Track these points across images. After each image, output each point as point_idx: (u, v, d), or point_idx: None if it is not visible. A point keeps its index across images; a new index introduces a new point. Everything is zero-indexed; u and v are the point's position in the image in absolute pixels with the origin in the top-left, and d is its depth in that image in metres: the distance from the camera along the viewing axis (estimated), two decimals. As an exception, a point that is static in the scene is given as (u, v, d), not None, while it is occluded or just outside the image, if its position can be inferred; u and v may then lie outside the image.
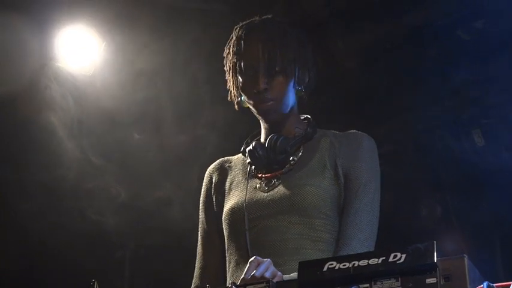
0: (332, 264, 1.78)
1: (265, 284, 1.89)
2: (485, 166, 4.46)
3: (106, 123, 4.46)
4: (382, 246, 1.99)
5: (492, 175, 4.43)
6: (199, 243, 2.70)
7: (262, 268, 2.19)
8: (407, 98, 4.48)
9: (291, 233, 2.47)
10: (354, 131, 2.62)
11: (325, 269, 1.78)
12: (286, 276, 2.24)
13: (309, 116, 2.69)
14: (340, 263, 1.77)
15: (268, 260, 2.23)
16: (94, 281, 2.13)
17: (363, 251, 2.37)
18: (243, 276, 2.21)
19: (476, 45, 4.09)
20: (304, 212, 2.47)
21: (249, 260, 2.24)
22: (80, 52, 4.12)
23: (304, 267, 1.83)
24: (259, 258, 2.24)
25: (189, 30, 4.01)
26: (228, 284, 2.06)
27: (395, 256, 1.73)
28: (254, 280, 2.13)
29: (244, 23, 2.65)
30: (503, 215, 4.57)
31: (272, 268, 2.22)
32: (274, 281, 2.12)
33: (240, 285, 1.95)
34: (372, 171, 2.53)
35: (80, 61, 4.16)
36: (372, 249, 2.45)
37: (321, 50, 4.08)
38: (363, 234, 2.44)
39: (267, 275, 2.17)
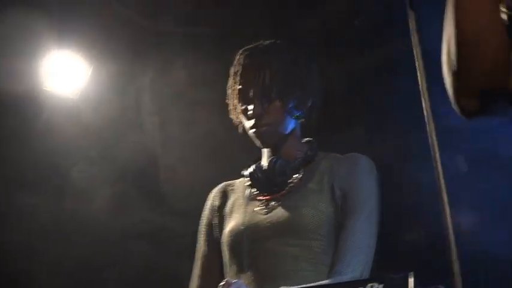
0: (311, 293, 1.77)
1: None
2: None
3: (94, 145, 4.45)
4: (386, 266, 1.98)
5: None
6: (196, 265, 2.68)
7: None
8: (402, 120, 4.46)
9: (288, 256, 2.47)
10: (354, 153, 2.62)
11: (304, 298, 1.77)
12: None
13: (311, 139, 2.68)
14: (318, 293, 1.76)
15: (238, 281, 2.22)
16: None
17: (358, 267, 2.40)
18: None
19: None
20: (301, 234, 2.47)
21: (220, 284, 2.22)
22: (68, 76, 4.11)
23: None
24: (229, 279, 2.23)
25: (177, 55, 4.03)
26: None
27: (372, 287, 1.72)
28: None
29: (248, 46, 2.65)
30: None
31: None
32: None
33: None
34: (369, 191, 2.54)
35: (67, 85, 4.16)
36: (368, 266, 2.45)
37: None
38: (358, 251, 2.44)
39: None
